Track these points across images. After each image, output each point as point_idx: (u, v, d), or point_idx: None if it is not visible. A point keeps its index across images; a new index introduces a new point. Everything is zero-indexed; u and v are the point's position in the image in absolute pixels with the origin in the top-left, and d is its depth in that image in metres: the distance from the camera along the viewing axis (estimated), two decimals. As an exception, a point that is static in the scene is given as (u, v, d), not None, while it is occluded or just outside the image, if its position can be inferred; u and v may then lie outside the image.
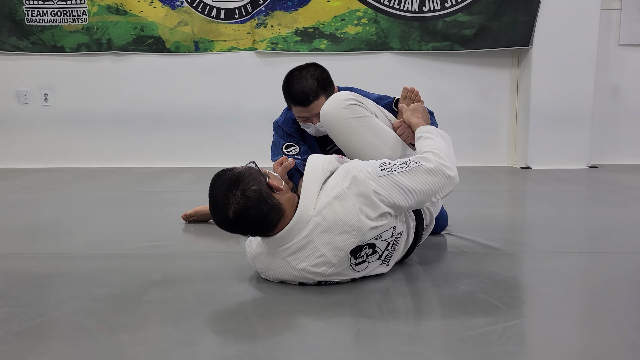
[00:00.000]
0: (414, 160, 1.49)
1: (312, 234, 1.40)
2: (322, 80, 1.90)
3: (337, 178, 1.45)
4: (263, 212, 1.35)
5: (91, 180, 3.78)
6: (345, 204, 1.40)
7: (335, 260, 1.43)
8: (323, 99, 1.85)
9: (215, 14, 4.30)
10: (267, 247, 1.48)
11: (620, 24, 4.20)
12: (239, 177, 1.36)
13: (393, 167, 1.47)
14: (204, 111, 4.47)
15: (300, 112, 1.94)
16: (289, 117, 2.12)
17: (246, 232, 1.42)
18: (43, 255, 1.93)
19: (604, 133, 4.33)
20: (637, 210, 2.64)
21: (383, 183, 1.43)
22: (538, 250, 1.92)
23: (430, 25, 4.20)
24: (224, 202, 1.35)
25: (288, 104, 1.99)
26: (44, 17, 4.31)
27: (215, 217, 1.40)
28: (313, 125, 1.96)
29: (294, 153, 2.04)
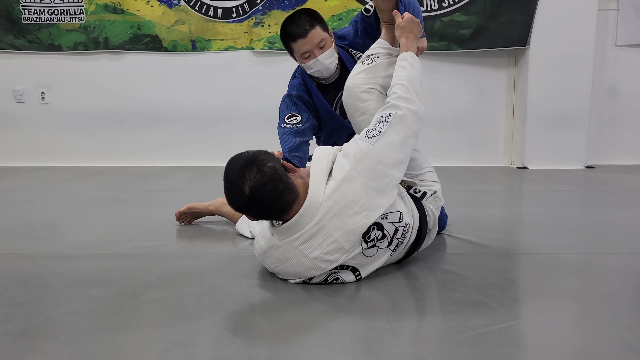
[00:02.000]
0: (386, 115, 1.58)
1: (324, 219, 1.42)
2: (313, 14, 2.03)
3: (339, 164, 1.51)
4: (278, 190, 1.38)
5: (88, 179, 3.77)
6: (353, 184, 1.45)
7: (347, 246, 1.45)
8: (319, 29, 1.99)
9: (212, 13, 4.29)
10: (278, 239, 1.48)
11: (617, 25, 4.21)
12: (254, 156, 1.41)
13: (377, 130, 1.54)
14: (201, 110, 4.46)
15: (302, 47, 2.00)
16: (298, 84, 2.18)
17: (260, 211, 1.41)
18: (40, 255, 1.92)
19: (601, 133, 4.35)
20: (634, 211, 2.65)
21: (380, 148, 1.50)
22: (534, 251, 1.93)
23: (428, 25, 4.20)
24: (239, 178, 1.37)
25: (289, 47, 2.05)
26: (40, 16, 4.30)
27: (230, 196, 1.41)
28: (319, 60, 2.02)
29: (295, 122, 2.10)
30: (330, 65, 2.06)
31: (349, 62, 2.14)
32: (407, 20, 1.79)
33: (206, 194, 3.19)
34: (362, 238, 1.46)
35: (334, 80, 2.17)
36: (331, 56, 2.05)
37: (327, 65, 2.05)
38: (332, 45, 2.06)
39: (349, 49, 2.17)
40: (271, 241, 1.51)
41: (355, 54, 2.15)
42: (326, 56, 2.04)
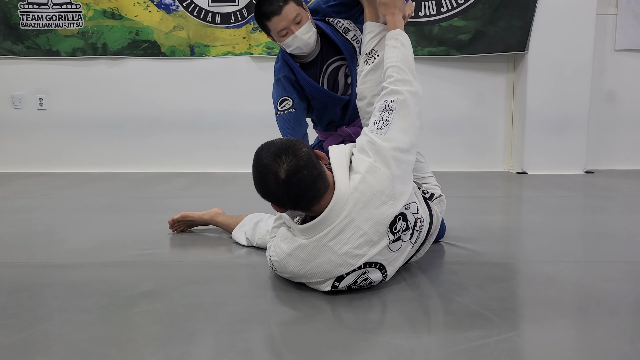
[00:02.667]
0: (388, 102, 1.59)
1: (353, 212, 1.41)
2: None
3: (359, 157, 1.50)
4: (313, 176, 1.37)
5: (85, 185, 3.75)
6: (377, 174, 1.45)
7: (376, 238, 1.44)
8: (292, 4, 1.92)
9: (210, 19, 4.29)
10: (304, 238, 1.45)
11: (616, 29, 4.20)
12: (288, 142, 1.40)
13: (384, 119, 1.55)
14: (199, 115, 4.45)
15: (277, 24, 1.93)
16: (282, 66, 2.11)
17: (292, 198, 1.38)
18: (33, 264, 1.90)
19: (600, 138, 4.33)
20: (633, 217, 2.63)
21: (391, 136, 1.51)
22: (533, 260, 1.91)
23: (426, 30, 4.19)
24: (274, 163, 1.35)
25: (265, 27, 1.98)
26: (39, 22, 4.29)
27: (263, 181, 1.38)
28: (297, 36, 1.94)
29: (287, 107, 2.06)
30: (309, 40, 1.98)
31: (332, 32, 2.06)
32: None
33: (204, 200, 3.18)
34: (389, 229, 1.46)
35: (315, 56, 2.09)
36: (309, 30, 1.97)
37: (305, 40, 1.97)
38: (308, 20, 1.98)
39: (325, 19, 2.10)
40: (295, 241, 1.47)
41: (334, 21, 2.08)
42: (303, 31, 1.95)
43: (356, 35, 2.07)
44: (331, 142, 2.16)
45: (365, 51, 1.89)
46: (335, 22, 2.08)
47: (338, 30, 2.07)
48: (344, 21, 2.08)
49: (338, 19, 2.08)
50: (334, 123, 2.22)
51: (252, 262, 1.91)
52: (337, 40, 2.04)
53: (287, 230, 1.52)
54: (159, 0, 4.26)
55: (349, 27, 2.07)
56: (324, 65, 2.10)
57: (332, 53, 2.09)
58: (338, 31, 2.07)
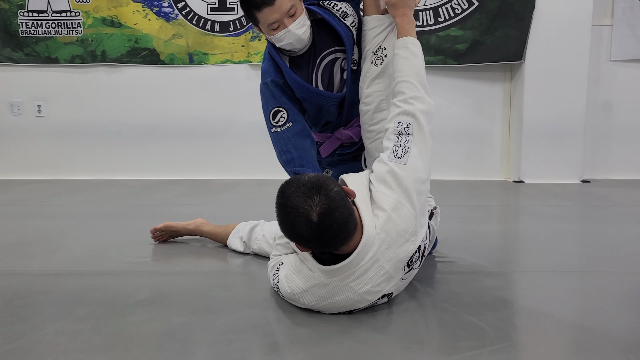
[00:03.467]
0: (403, 125, 1.52)
1: (378, 252, 1.37)
2: None
3: (380, 191, 1.44)
4: (345, 216, 1.30)
5: (83, 193, 3.76)
6: (402, 212, 1.41)
7: (394, 274, 1.42)
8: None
9: (209, 27, 4.31)
10: (325, 277, 1.39)
11: (611, 40, 4.22)
12: (318, 180, 1.31)
13: (403, 146, 1.50)
14: (198, 123, 4.46)
15: (269, 16, 1.70)
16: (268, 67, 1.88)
17: (324, 241, 1.30)
18: (29, 272, 1.91)
19: (596, 147, 4.35)
20: (629, 227, 2.64)
21: (412, 166, 1.47)
22: (528, 270, 1.92)
23: (424, 40, 4.21)
24: (305, 204, 1.26)
25: (253, 17, 1.75)
26: (38, 29, 4.31)
27: (293, 224, 1.29)
28: (290, 31, 1.73)
29: (283, 121, 1.82)
30: (303, 36, 1.76)
31: (329, 17, 1.83)
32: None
33: (201, 208, 3.19)
34: (407, 263, 1.44)
35: (307, 49, 1.86)
36: (303, 24, 1.75)
37: (299, 36, 1.75)
38: (303, 12, 1.76)
39: (319, 2, 1.86)
40: (313, 279, 1.41)
41: (330, 4, 1.85)
42: (297, 25, 1.73)
43: (355, 22, 1.85)
44: (328, 146, 2.03)
45: (371, 49, 1.79)
46: (331, 6, 1.85)
47: (336, 15, 1.83)
48: (341, 4, 1.85)
49: (335, 2, 1.85)
50: (330, 124, 1.99)
51: (248, 271, 1.92)
52: (336, 25, 1.80)
53: (300, 261, 1.45)
54: (158, 9, 4.29)
55: (347, 11, 1.84)
56: (317, 58, 1.87)
57: (328, 43, 1.86)
58: (336, 16, 1.83)
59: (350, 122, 1.97)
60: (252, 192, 3.80)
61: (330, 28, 1.83)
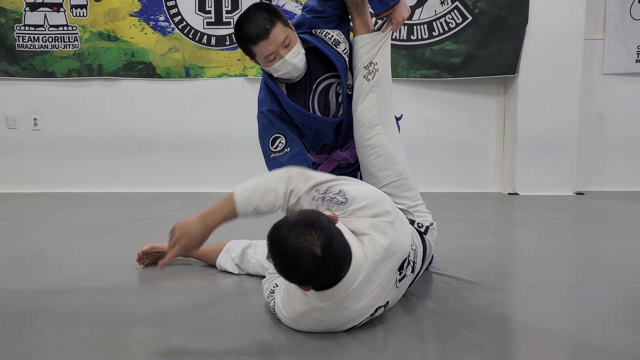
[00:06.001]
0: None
1: (369, 273, 1.40)
2: (270, 9, 1.77)
3: (354, 220, 1.44)
4: (342, 241, 1.31)
5: (79, 206, 3.75)
6: (381, 228, 1.42)
7: (387, 283, 1.45)
8: (280, 25, 1.75)
9: (206, 41, 4.34)
10: (320, 302, 1.39)
11: (603, 54, 4.29)
12: (306, 215, 1.29)
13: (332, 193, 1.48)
14: (194, 136, 4.47)
15: (265, 49, 1.74)
16: (265, 96, 1.93)
17: (330, 272, 1.31)
18: (28, 289, 1.90)
19: (590, 160, 4.39)
20: (624, 240, 2.66)
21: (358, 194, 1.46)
22: (525, 284, 1.93)
23: (418, 54, 4.26)
24: (306, 242, 1.24)
25: (250, 50, 1.79)
26: (35, 43, 4.32)
27: (296, 266, 1.26)
28: (287, 61, 1.77)
29: (281, 147, 1.85)
30: (299, 64, 1.81)
31: (322, 45, 1.87)
32: None
33: (198, 222, 3.18)
34: (398, 272, 1.48)
35: (302, 76, 1.90)
36: (298, 53, 1.80)
37: (295, 65, 1.80)
38: (297, 41, 1.81)
39: (311, 31, 1.91)
40: (309, 303, 1.41)
41: (322, 33, 1.89)
42: (293, 54, 1.78)
43: (346, 49, 1.90)
44: (325, 167, 2.06)
45: (362, 65, 1.83)
46: (324, 34, 1.90)
47: (328, 43, 1.89)
48: (333, 32, 1.90)
49: (327, 30, 1.90)
50: (327, 146, 2.04)
51: (245, 288, 1.92)
52: (329, 53, 1.86)
53: (295, 286, 1.42)
54: (154, 23, 4.31)
55: (339, 39, 1.89)
56: (313, 84, 1.92)
57: (322, 69, 1.92)
58: (328, 43, 1.89)
59: (346, 144, 2.03)
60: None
61: (323, 55, 1.88)
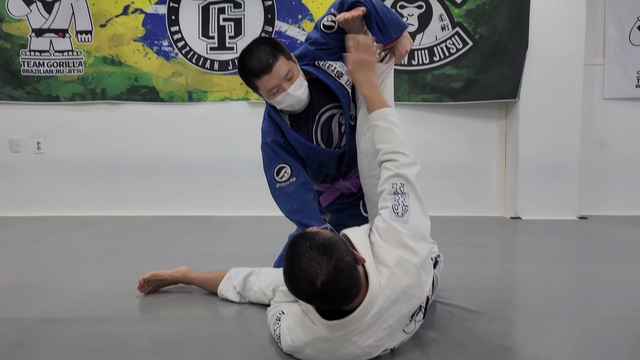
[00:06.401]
0: (397, 184, 1.55)
1: (382, 309, 1.37)
2: (273, 43, 1.79)
3: (383, 246, 1.45)
4: (349, 285, 1.30)
5: (80, 230, 3.74)
6: (406, 268, 1.41)
7: (398, 327, 1.42)
8: (283, 59, 1.77)
9: (209, 66, 4.38)
10: (327, 332, 1.38)
11: (603, 79, 4.32)
12: (332, 245, 1.29)
13: (402, 203, 1.52)
14: (196, 159, 4.49)
15: (268, 83, 1.77)
16: (268, 128, 1.95)
17: (324, 303, 1.33)
18: (27, 318, 1.88)
19: (592, 184, 4.39)
20: (628, 267, 2.64)
21: (413, 223, 1.48)
22: (529, 314, 1.91)
23: (419, 78, 4.29)
24: (313, 269, 1.25)
25: (253, 84, 1.82)
26: (40, 68, 4.37)
27: (295, 284, 1.30)
28: (289, 94, 1.80)
29: (287, 177, 1.88)
30: (302, 97, 1.84)
31: (324, 76, 1.90)
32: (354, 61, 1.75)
33: (199, 246, 3.18)
34: (410, 318, 1.45)
35: (305, 107, 1.92)
36: (301, 85, 1.83)
37: (298, 97, 1.83)
38: (300, 74, 1.84)
39: (315, 63, 1.94)
40: (316, 332, 1.40)
41: (324, 65, 1.93)
42: (296, 87, 1.81)
43: (349, 80, 1.92)
44: (328, 196, 2.08)
45: None
46: (327, 66, 1.92)
47: (331, 75, 1.91)
48: (336, 64, 1.92)
49: (330, 62, 1.92)
50: (329, 176, 2.06)
51: (247, 317, 1.90)
52: (332, 85, 1.89)
53: (303, 313, 1.44)
54: (158, 48, 4.36)
55: (342, 70, 1.92)
56: (316, 115, 1.93)
57: (325, 100, 1.93)
58: (331, 75, 1.91)
59: (349, 173, 2.03)
60: (250, 228, 3.80)
61: (326, 86, 1.90)
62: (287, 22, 4.32)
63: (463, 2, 4.21)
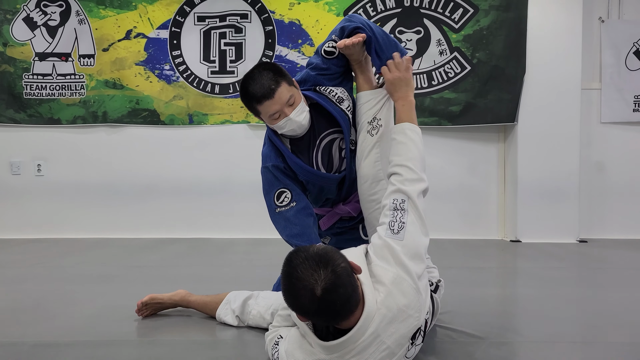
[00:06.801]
0: (398, 201, 1.56)
1: (379, 328, 1.36)
2: (275, 69, 1.80)
3: (380, 264, 1.45)
4: (348, 293, 1.29)
5: (80, 253, 3.73)
6: (403, 286, 1.41)
7: (397, 350, 1.40)
8: (285, 85, 1.78)
9: (210, 89, 4.42)
10: (325, 354, 1.37)
11: (600, 103, 4.36)
12: (326, 254, 1.30)
13: (400, 221, 1.52)
14: (197, 182, 4.50)
15: (269, 108, 1.78)
16: (269, 152, 1.95)
17: (324, 316, 1.31)
18: (24, 342, 1.87)
19: (592, 207, 4.39)
20: (628, 292, 2.63)
21: (410, 241, 1.49)
22: (529, 339, 1.90)
23: (418, 102, 4.32)
24: (311, 278, 1.26)
25: (255, 109, 1.83)
26: (42, 91, 4.41)
27: (293, 296, 1.29)
28: (291, 119, 1.81)
29: (287, 201, 1.87)
30: (304, 122, 1.84)
31: (325, 102, 1.91)
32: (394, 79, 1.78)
33: (198, 268, 3.17)
34: (410, 340, 1.43)
35: (306, 132, 1.92)
36: (303, 111, 1.84)
37: (300, 122, 1.83)
38: (301, 99, 1.84)
39: (316, 89, 1.95)
40: (313, 355, 1.39)
41: (326, 90, 1.93)
42: (298, 112, 1.81)
43: (350, 106, 1.94)
44: (328, 220, 2.07)
45: (366, 120, 1.85)
46: (327, 92, 1.93)
47: (332, 100, 1.91)
48: (337, 89, 1.93)
49: (331, 88, 1.93)
50: (329, 200, 2.05)
51: (245, 342, 1.88)
52: (333, 111, 1.89)
53: (301, 336, 1.44)
54: (159, 72, 4.41)
55: (342, 96, 1.93)
56: (316, 139, 1.94)
57: (325, 125, 1.94)
58: (332, 101, 1.91)
59: (349, 198, 2.04)
60: (249, 251, 3.79)
61: (326, 111, 1.91)
62: (287, 47, 4.38)
63: (461, 27, 4.28)
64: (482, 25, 4.24)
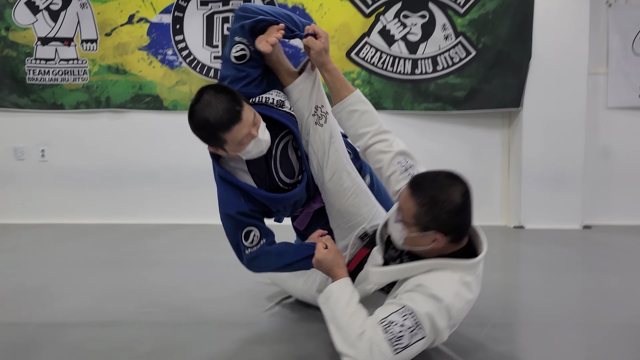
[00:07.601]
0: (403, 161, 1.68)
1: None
2: (228, 90, 1.61)
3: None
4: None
5: (84, 238, 3.74)
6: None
7: None
8: (246, 105, 1.60)
9: (213, 74, 4.40)
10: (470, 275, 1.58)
11: (607, 88, 4.32)
12: (448, 171, 1.58)
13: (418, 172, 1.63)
14: (200, 167, 4.45)
15: (239, 133, 1.58)
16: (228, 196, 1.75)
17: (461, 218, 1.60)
18: (31, 322, 1.88)
19: (596, 193, 4.37)
20: (631, 276, 2.63)
21: None
22: (533, 322, 1.90)
23: (423, 87, 4.31)
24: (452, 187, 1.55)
25: (219, 139, 1.61)
26: (45, 76, 4.40)
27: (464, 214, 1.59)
28: (259, 140, 1.63)
29: (256, 240, 1.73)
30: (268, 138, 1.67)
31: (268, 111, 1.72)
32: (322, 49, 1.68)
33: (202, 254, 3.18)
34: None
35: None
36: (265, 128, 1.66)
37: (267, 141, 1.66)
38: (259, 116, 1.67)
39: (249, 101, 1.73)
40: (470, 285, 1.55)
41: (261, 100, 1.74)
42: (262, 131, 1.64)
43: (291, 107, 1.79)
44: (302, 220, 1.96)
45: (310, 114, 1.75)
46: (263, 100, 1.74)
47: (272, 107, 1.74)
48: (270, 94, 1.76)
49: (264, 96, 1.75)
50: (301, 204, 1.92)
51: (253, 322, 1.90)
52: (277, 116, 1.73)
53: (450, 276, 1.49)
54: (162, 57, 4.39)
55: (281, 99, 1.76)
56: (272, 150, 1.77)
57: (275, 132, 1.76)
58: (272, 107, 1.74)
59: (316, 196, 1.91)
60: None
61: (271, 119, 1.73)
62: (291, 32, 4.35)
63: (466, 11, 4.23)
64: (488, 10, 4.20)
